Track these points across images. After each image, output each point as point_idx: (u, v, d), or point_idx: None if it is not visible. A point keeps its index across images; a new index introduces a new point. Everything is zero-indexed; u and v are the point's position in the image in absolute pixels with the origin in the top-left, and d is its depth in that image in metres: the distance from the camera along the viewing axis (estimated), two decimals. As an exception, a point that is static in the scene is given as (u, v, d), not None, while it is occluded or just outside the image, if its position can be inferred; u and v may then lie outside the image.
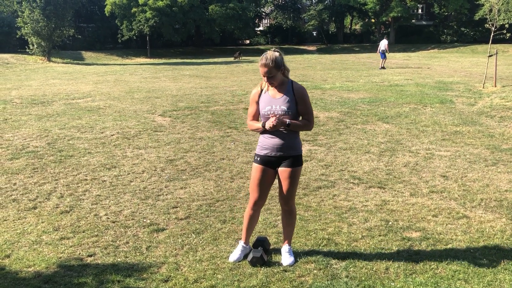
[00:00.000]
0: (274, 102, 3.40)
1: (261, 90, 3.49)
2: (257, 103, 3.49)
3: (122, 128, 8.63)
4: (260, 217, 4.41)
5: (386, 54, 22.37)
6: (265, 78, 3.36)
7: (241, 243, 3.70)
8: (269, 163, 3.49)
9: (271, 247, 3.83)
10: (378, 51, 23.06)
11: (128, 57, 37.25)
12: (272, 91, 3.44)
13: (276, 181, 3.63)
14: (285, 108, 3.37)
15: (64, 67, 26.55)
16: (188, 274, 3.43)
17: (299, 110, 3.43)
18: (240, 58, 31.51)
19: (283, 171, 3.49)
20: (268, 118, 3.39)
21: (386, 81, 16.12)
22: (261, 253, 3.54)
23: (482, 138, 7.65)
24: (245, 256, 3.66)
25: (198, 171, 6.00)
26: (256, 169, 3.53)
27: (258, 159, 3.52)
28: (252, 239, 3.98)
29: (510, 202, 4.84)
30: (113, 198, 5.03)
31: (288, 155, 3.45)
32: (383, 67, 21.93)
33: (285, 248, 3.65)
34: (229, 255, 3.68)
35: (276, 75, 3.36)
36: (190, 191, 5.24)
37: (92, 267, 3.54)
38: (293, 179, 3.49)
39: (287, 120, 3.34)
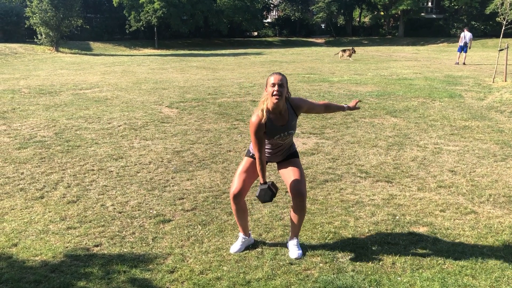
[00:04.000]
0: (281, 129, 3.40)
1: (263, 121, 3.36)
2: (264, 133, 3.39)
3: (129, 119, 8.64)
4: (266, 210, 4.41)
5: (468, 48, 19.93)
6: (276, 88, 3.25)
7: (241, 235, 3.71)
8: None
9: (277, 240, 3.82)
10: (463, 44, 20.05)
11: (136, 48, 37.24)
12: (275, 119, 3.37)
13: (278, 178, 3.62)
14: (292, 131, 3.47)
15: (72, 58, 26.61)
16: (193, 265, 3.43)
17: (309, 112, 3.72)
18: None
19: (286, 164, 3.56)
20: (277, 146, 3.50)
21: (395, 74, 16.00)
22: (268, 185, 3.42)
23: (491, 133, 7.57)
24: (246, 248, 3.67)
25: (205, 162, 6.00)
26: (245, 160, 3.61)
27: (252, 155, 3.55)
28: (256, 230, 3.97)
29: (519, 198, 4.79)
30: (120, 189, 5.04)
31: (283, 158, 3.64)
32: (463, 63, 19.81)
33: (293, 241, 3.64)
34: (230, 247, 3.70)
35: (284, 90, 3.31)
36: (197, 183, 5.24)
37: (98, 257, 3.56)
38: (297, 166, 3.56)
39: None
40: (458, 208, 4.52)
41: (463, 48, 20.15)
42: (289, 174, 3.52)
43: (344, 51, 23.74)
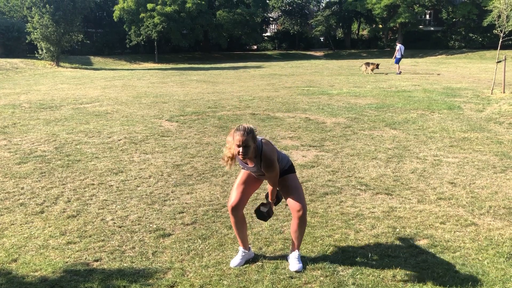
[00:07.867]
0: (250, 168, 3.50)
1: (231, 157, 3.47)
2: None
3: (130, 133, 8.66)
4: (266, 223, 4.41)
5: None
6: (241, 150, 3.26)
7: (241, 248, 3.72)
8: None
9: (278, 253, 3.81)
10: (400, 55, 22.53)
11: (136, 62, 37.45)
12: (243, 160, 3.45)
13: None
14: (259, 173, 3.48)
15: (73, 72, 26.74)
16: (193, 280, 3.42)
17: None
18: None
19: (282, 181, 3.54)
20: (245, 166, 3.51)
21: (394, 87, 16.07)
22: (260, 207, 3.64)
23: (490, 144, 7.58)
24: (246, 262, 3.67)
25: (205, 176, 6.00)
26: (242, 172, 3.64)
27: None
28: (257, 244, 3.97)
29: (519, 209, 4.78)
30: (120, 203, 5.04)
31: None
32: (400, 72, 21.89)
33: (294, 254, 3.64)
34: (230, 261, 3.69)
35: (251, 146, 3.28)
36: (197, 197, 5.24)
37: (98, 272, 3.55)
38: (294, 182, 3.54)
39: (271, 202, 3.62)
40: (458, 220, 4.52)
41: (400, 59, 22.45)
42: (287, 191, 3.54)
43: (367, 64, 23.41)
